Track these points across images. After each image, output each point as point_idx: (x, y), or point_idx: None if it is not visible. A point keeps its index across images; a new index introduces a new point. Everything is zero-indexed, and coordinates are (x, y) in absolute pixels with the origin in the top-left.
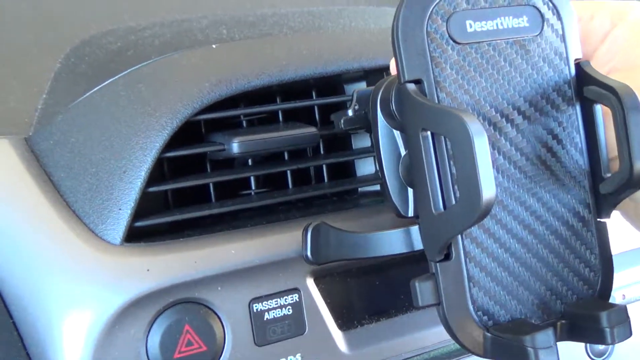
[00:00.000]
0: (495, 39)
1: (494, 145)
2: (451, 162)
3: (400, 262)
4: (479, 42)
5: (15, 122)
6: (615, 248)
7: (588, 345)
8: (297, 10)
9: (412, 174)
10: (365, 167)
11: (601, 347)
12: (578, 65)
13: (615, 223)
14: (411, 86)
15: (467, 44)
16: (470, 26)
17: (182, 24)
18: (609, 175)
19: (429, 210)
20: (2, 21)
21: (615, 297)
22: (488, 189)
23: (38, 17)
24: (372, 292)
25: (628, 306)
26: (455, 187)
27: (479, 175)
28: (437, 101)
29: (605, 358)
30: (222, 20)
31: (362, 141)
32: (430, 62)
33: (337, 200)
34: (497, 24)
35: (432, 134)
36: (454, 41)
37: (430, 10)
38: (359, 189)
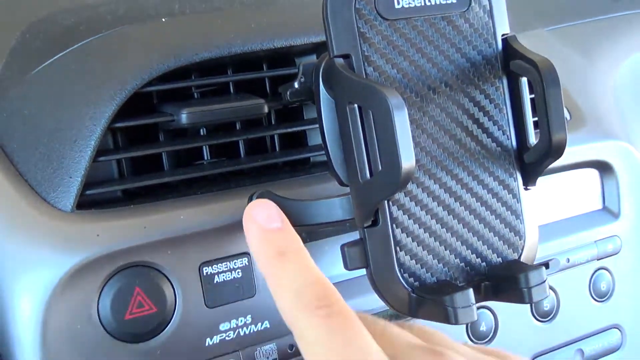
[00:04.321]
0: (423, 15)
1: (422, 116)
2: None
3: (349, 228)
4: (407, 19)
5: None
6: (563, 213)
7: (532, 306)
8: None
9: (343, 143)
10: (318, 137)
11: (546, 308)
12: (505, 40)
13: (560, 189)
14: (339, 61)
15: (395, 20)
16: (398, 3)
17: (136, 0)
18: (532, 145)
19: (356, 179)
20: None
21: (560, 261)
22: (407, 160)
23: None
24: (321, 257)
25: (574, 269)
26: (380, 156)
27: (399, 146)
28: (365, 75)
29: (550, 319)
30: None
31: (313, 112)
32: (358, 38)
33: (289, 169)
34: (424, 1)
35: (359, 107)
36: (382, 17)
37: None
38: (311, 159)
